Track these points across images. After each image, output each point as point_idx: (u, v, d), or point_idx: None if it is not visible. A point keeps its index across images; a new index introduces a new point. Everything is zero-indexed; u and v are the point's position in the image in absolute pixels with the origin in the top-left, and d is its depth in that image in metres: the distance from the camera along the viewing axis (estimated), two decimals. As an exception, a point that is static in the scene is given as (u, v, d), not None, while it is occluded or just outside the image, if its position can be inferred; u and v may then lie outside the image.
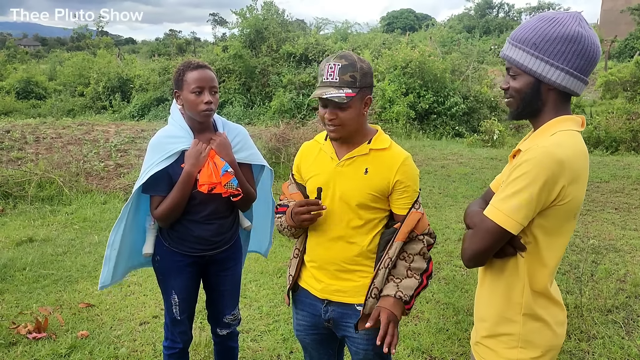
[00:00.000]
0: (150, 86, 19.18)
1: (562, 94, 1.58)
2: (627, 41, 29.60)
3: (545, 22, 1.54)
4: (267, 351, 3.54)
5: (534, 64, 1.54)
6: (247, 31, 18.29)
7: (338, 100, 1.86)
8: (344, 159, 2.02)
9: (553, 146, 1.48)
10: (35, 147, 10.54)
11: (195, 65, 2.34)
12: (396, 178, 1.98)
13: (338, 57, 1.91)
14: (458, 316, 3.98)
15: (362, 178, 1.99)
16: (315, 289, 2.14)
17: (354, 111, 1.93)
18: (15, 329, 3.71)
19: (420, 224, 2.00)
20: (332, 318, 2.12)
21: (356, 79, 1.89)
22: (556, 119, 1.58)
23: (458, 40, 22.61)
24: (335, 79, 1.88)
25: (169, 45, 39.78)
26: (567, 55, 1.51)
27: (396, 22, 49.59)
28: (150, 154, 2.35)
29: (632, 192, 7.75)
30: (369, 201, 1.99)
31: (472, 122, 14.33)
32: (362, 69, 1.91)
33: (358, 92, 1.90)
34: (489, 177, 8.77)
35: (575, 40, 1.51)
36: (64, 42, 72.73)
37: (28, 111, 20.01)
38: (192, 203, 2.40)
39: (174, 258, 2.50)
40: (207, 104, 2.32)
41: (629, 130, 11.52)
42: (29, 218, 6.68)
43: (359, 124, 1.99)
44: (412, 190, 2.00)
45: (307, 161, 2.16)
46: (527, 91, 1.59)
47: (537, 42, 1.53)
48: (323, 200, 2.01)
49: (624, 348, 3.51)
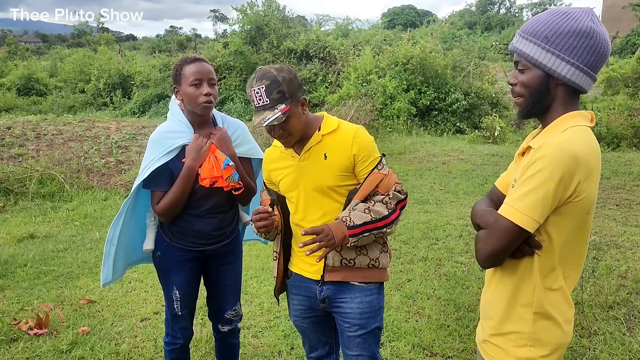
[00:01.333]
0: (151, 83, 19.16)
1: (570, 89, 1.57)
2: (629, 37, 29.54)
3: (557, 16, 1.53)
4: (268, 347, 3.54)
5: (545, 57, 1.52)
6: (247, 27, 18.26)
7: (277, 121, 1.94)
8: (302, 152, 2.11)
9: (567, 142, 1.46)
10: (36, 143, 10.55)
11: (192, 59, 2.37)
12: (353, 152, 2.06)
13: (258, 79, 1.95)
14: (459, 312, 3.97)
15: (324, 164, 2.08)
16: (309, 272, 2.21)
17: (295, 119, 2.01)
18: (17, 325, 3.71)
19: (383, 183, 2.07)
20: (327, 296, 2.19)
21: (284, 92, 1.95)
22: (566, 114, 1.56)
23: (459, 36, 22.52)
24: (266, 101, 1.95)
25: (170, 41, 39.76)
26: (579, 50, 1.50)
27: (397, 19, 49.52)
28: (151, 149, 2.35)
29: (634, 188, 7.74)
30: (338, 181, 2.08)
31: (473, 118, 14.29)
32: (284, 79, 1.96)
33: (290, 102, 1.98)
34: (490, 174, 8.77)
35: (588, 36, 1.49)
36: (64, 38, 72.77)
37: (29, 108, 19.99)
38: (194, 197, 2.40)
39: (175, 253, 2.50)
40: (206, 95, 2.33)
41: (630, 127, 11.48)
42: (30, 214, 6.70)
43: (304, 124, 2.08)
44: (371, 158, 2.08)
45: (273, 166, 2.23)
46: (535, 86, 1.56)
47: (549, 35, 1.51)
48: (299, 196, 2.13)
49: (625, 344, 3.50)
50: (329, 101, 14.01)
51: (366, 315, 2.16)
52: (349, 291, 2.16)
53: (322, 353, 2.43)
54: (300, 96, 2.04)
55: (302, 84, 2.18)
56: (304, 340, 2.45)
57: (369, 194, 2.08)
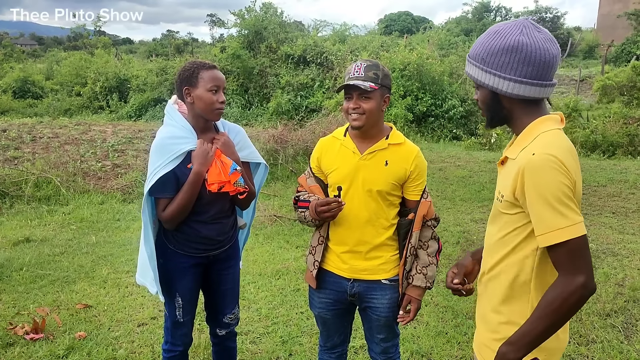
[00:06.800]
0: (148, 86, 19.15)
1: (526, 100, 1.60)
2: (624, 46, 29.67)
3: (489, 36, 1.60)
4: (266, 353, 3.53)
5: (486, 77, 1.60)
6: (245, 32, 18.26)
7: (363, 87, 2.14)
8: (366, 152, 2.28)
9: (543, 149, 1.49)
10: (32, 146, 10.51)
11: (210, 65, 2.39)
12: (411, 168, 2.29)
13: (363, 60, 2.23)
14: (457, 319, 3.97)
15: (384, 169, 2.27)
16: (341, 269, 2.39)
17: (375, 103, 2.19)
18: (13, 330, 3.69)
19: (429, 210, 2.35)
20: (357, 292, 2.39)
21: (378, 77, 2.19)
22: (535, 121, 1.60)
23: (456, 43, 22.57)
24: (361, 74, 2.17)
25: (167, 45, 39.73)
26: (513, 65, 1.55)
27: (394, 25, 49.55)
28: (155, 156, 2.32)
29: (630, 196, 7.77)
30: (390, 189, 2.28)
31: (469, 125, 14.34)
32: (383, 71, 2.23)
33: (379, 87, 2.19)
34: (487, 180, 8.79)
35: (516, 50, 1.54)
36: (60, 41, 72.49)
37: (25, 110, 19.94)
38: (200, 203, 2.39)
39: (179, 260, 2.48)
40: (221, 102, 2.38)
41: (625, 135, 11.55)
42: (26, 218, 6.66)
43: (379, 117, 2.26)
44: (421, 178, 2.33)
45: (328, 156, 2.38)
46: (488, 102, 1.66)
47: (484, 56, 1.60)
48: (348, 190, 2.28)
49: (623, 352, 3.51)
50: (326, 106, 14.02)
51: (394, 307, 2.39)
52: (381, 289, 2.37)
53: (337, 342, 2.60)
54: (387, 94, 2.26)
55: (391, 90, 2.40)
56: (322, 330, 2.60)
57: (422, 221, 2.34)
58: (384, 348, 2.50)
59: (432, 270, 2.35)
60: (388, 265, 2.35)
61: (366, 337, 2.58)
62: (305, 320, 3.97)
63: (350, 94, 2.21)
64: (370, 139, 2.29)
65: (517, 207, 1.59)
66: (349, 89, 2.20)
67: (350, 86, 2.17)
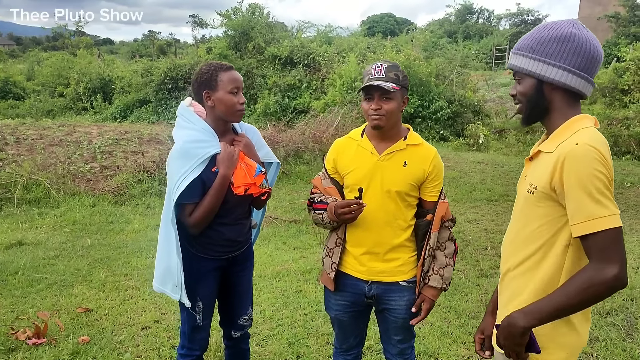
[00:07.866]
0: (133, 88, 18.92)
1: (568, 93, 1.64)
2: (605, 48, 30.21)
3: (541, 28, 1.67)
4: (274, 355, 3.51)
5: (533, 65, 1.64)
6: (231, 33, 18.18)
7: (386, 88, 2.13)
8: (384, 153, 2.28)
9: (586, 140, 1.52)
10: (16, 148, 10.31)
11: (228, 67, 2.36)
12: (429, 169, 2.30)
13: (383, 61, 2.22)
14: (461, 319, 4.00)
15: (402, 170, 2.27)
16: (359, 272, 2.37)
17: (395, 103, 2.20)
18: (14, 335, 3.62)
19: (447, 211, 2.37)
20: (375, 294, 2.38)
21: (399, 77, 2.20)
22: (575, 117, 1.63)
23: (442, 45, 22.71)
24: (383, 75, 2.17)
25: (149, 46, 39.36)
26: (563, 54, 1.60)
27: (376, 26, 49.75)
28: (180, 161, 2.25)
29: (618, 196, 7.90)
30: (408, 189, 2.28)
31: (456, 126, 14.43)
32: (403, 72, 2.23)
33: (400, 87, 2.19)
34: (478, 181, 8.87)
35: (569, 39, 1.59)
36: (39, 41, 71.39)
37: (6, 112, 19.55)
38: (226, 206, 2.36)
39: (201, 264, 2.45)
40: (242, 104, 2.36)
41: (610, 136, 11.72)
42: (17, 221, 6.55)
43: (398, 117, 2.27)
44: (439, 179, 2.35)
45: (345, 157, 2.37)
46: (531, 93, 1.68)
47: (534, 46, 1.65)
48: (366, 191, 2.27)
49: (627, 350, 3.56)
50: (314, 107, 14.02)
51: (410, 308, 2.37)
52: (399, 290, 2.37)
53: (353, 344, 2.59)
54: (406, 94, 2.28)
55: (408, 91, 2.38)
56: (338, 333, 2.58)
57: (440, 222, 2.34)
58: (401, 349, 2.50)
59: (448, 271, 2.35)
60: (406, 266, 2.36)
61: (382, 338, 2.58)
62: (310, 322, 3.96)
63: (371, 94, 2.20)
64: (388, 140, 2.29)
65: (551, 199, 1.60)
66: (370, 89, 2.19)
67: (373, 87, 2.17)
